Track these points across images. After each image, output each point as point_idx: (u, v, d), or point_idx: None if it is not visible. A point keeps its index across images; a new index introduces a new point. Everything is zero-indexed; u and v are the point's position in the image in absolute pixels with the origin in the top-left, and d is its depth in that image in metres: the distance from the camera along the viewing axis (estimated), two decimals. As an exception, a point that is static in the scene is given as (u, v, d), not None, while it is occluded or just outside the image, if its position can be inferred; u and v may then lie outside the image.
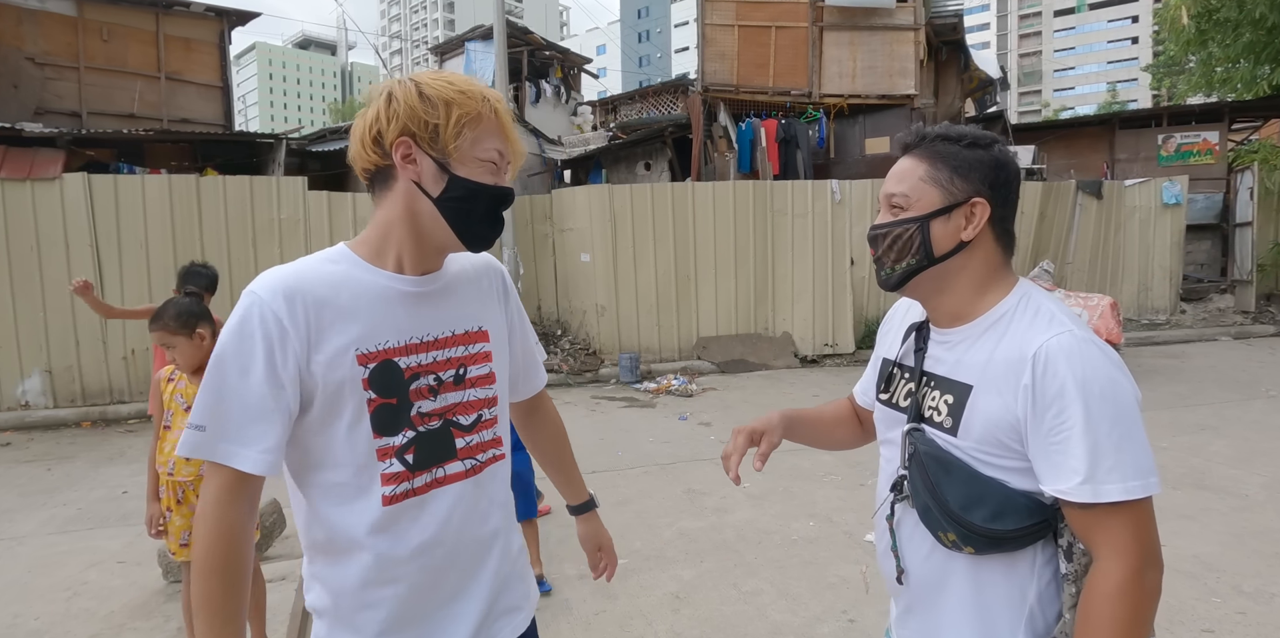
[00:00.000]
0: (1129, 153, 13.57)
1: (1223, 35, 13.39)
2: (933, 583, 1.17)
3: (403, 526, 1.14)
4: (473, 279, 1.30)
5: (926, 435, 1.15)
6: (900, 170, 1.17)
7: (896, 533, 1.22)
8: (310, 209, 8.01)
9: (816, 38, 11.39)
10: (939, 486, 1.10)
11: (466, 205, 1.14)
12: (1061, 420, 1.00)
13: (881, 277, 1.20)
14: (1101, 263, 11.11)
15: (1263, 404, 6.56)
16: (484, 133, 1.14)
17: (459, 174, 1.13)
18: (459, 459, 1.20)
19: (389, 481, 1.13)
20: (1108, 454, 0.98)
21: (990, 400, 1.07)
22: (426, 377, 1.17)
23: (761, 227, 9.18)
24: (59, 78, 10.11)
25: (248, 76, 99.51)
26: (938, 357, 1.19)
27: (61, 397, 7.18)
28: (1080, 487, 0.98)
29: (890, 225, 1.16)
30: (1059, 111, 56.73)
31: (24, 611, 3.27)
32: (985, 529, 1.06)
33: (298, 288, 1.10)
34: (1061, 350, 1.02)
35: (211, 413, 1.06)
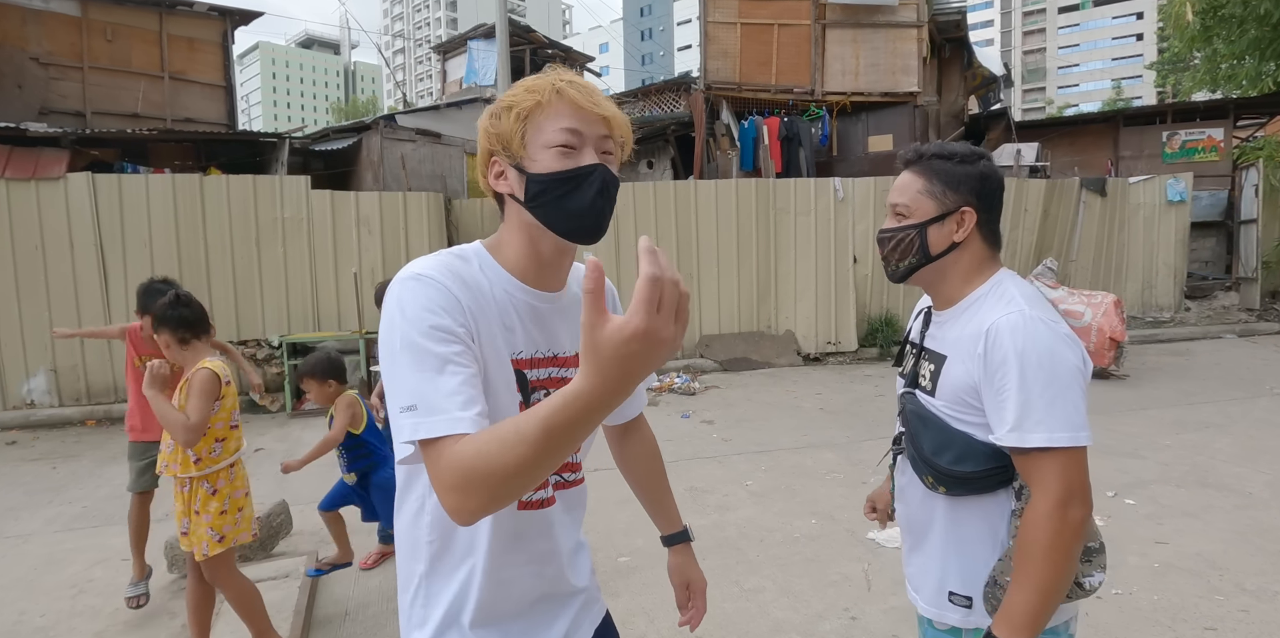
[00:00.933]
0: (1133, 150, 13.53)
1: (1228, 32, 13.35)
2: (923, 522, 1.42)
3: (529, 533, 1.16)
4: None
5: (915, 397, 1.42)
6: (902, 183, 1.40)
7: (896, 480, 1.51)
8: (313, 208, 8.03)
9: (819, 35, 11.37)
10: (917, 436, 1.38)
11: (548, 199, 1.08)
12: (1004, 383, 1.22)
13: (888, 272, 1.45)
14: (1105, 260, 11.08)
15: (1267, 402, 6.54)
16: (546, 118, 1.07)
17: (531, 170, 1.08)
18: (556, 472, 1.21)
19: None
20: (1037, 409, 1.19)
21: (956, 367, 1.32)
22: (540, 392, 1.14)
23: (764, 225, 9.18)
24: (63, 78, 10.15)
25: (251, 76, 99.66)
26: (932, 334, 1.45)
27: (66, 395, 7.21)
28: (1009, 434, 1.21)
29: (895, 230, 1.40)
30: (1063, 109, 56.58)
31: (30, 608, 3.29)
32: (950, 470, 1.32)
33: (461, 275, 1.07)
34: (1008, 325, 1.25)
35: (417, 392, 0.95)
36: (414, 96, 78.21)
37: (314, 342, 7.64)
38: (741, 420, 6.37)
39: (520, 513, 1.15)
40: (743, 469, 5.01)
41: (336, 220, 8.13)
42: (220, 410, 2.54)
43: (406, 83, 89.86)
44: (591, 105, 1.08)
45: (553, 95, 1.07)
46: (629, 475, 1.55)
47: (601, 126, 1.09)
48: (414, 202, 8.55)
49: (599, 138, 1.09)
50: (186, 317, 2.55)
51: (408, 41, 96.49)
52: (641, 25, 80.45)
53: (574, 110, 1.07)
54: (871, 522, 1.88)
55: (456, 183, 12.05)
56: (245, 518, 2.63)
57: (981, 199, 1.35)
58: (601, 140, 1.09)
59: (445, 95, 16.28)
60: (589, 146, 1.08)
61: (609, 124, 1.10)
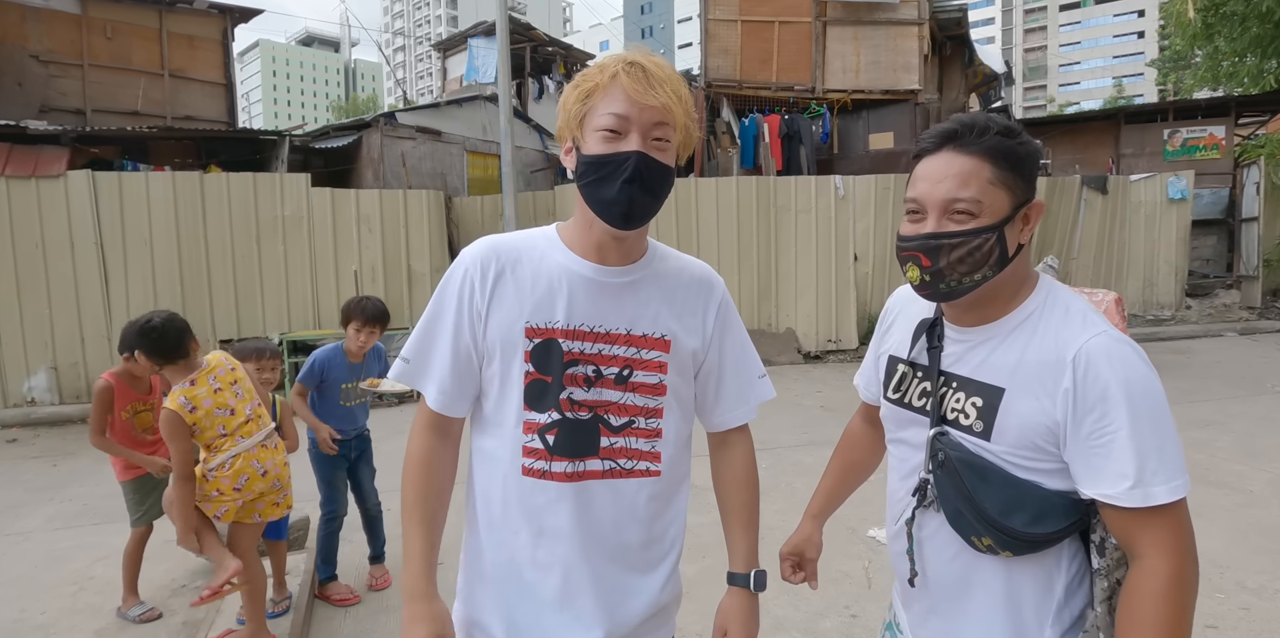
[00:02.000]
0: (1134, 148, 13.52)
1: (1229, 29, 13.32)
2: (957, 584, 1.16)
3: (536, 502, 1.17)
4: (677, 285, 1.24)
5: (954, 439, 1.12)
6: (963, 171, 1.04)
7: (915, 537, 1.19)
8: (314, 206, 8.03)
9: (820, 33, 11.35)
10: (975, 492, 1.07)
11: (588, 181, 1.12)
12: (1105, 424, 0.99)
13: (941, 289, 1.09)
14: (1106, 258, 11.07)
15: (1269, 400, 6.53)
16: (601, 100, 1.10)
17: (582, 151, 1.12)
18: (599, 457, 1.18)
19: (529, 453, 1.17)
20: (1152, 456, 0.98)
21: (1026, 404, 1.04)
22: (586, 366, 1.16)
23: (765, 222, 9.17)
24: (63, 75, 10.14)
25: (251, 74, 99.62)
26: (958, 356, 1.15)
27: (67, 393, 7.22)
28: (1130, 491, 0.97)
29: (965, 235, 1.04)
30: (1064, 106, 56.55)
31: (30, 605, 3.29)
32: (1026, 534, 1.04)
33: (496, 253, 1.18)
34: (1102, 352, 1.00)
35: (415, 348, 1.21)
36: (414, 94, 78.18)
37: (315, 339, 7.64)
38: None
39: (525, 479, 1.18)
40: (743, 467, 5.00)
41: (337, 218, 8.13)
42: (203, 433, 2.58)
43: (407, 80, 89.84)
44: (643, 93, 1.07)
45: (609, 79, 1.09)
46: (717, 496, 1.45)
47: (655, 114, 1.09)
48: (414, 199, 8.55)
49: (650, 125, 1.09)
50: (154, 342, 2.57)
51: (408, 39, 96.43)
52: (642, 23, 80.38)
53: (626, 96, 1.08)
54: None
55: (457, 180, 12.05)
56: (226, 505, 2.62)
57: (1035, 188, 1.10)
58: (653, 128, 1.09)
59: (445, 93, 16.27)
60: (635, 133, 1.08)
61: (665, 112, 1.09)
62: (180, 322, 2.65)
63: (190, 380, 2.59)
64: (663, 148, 1.11)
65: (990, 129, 1.05)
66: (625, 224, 1.12)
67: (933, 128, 1.12)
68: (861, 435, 1.54)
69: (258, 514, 2.69)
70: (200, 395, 2.58)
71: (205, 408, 2.57)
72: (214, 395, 2.60)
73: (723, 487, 1.43)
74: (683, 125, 1.12)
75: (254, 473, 2.64)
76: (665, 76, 1.10)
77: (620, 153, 1.08)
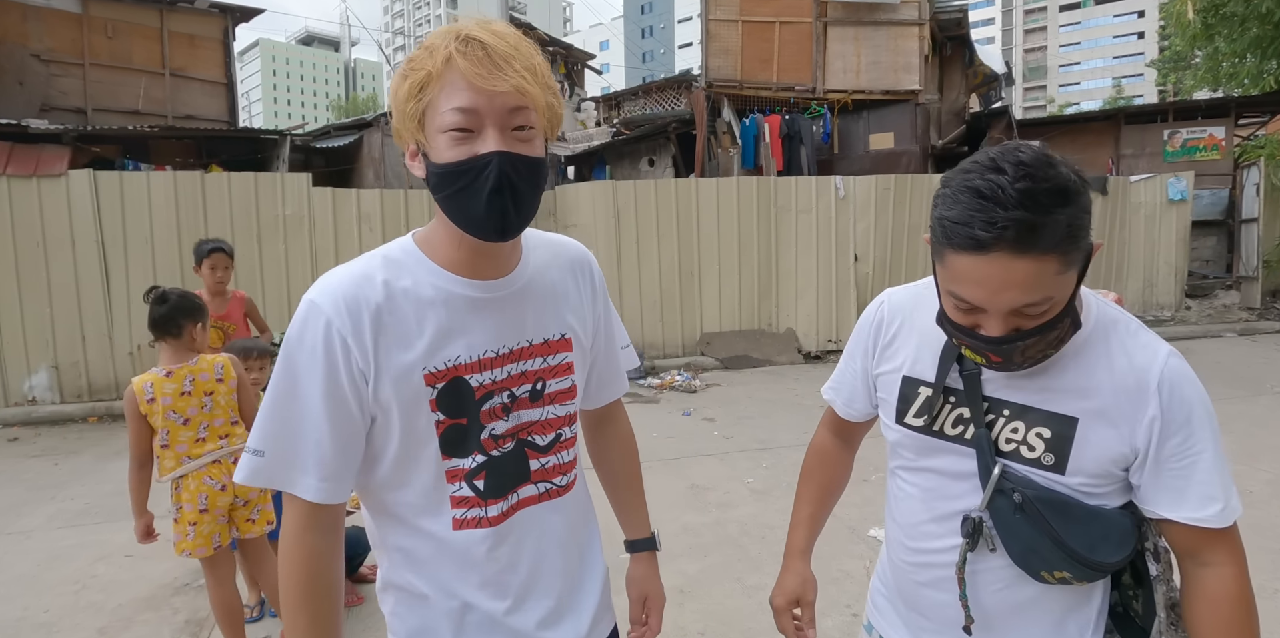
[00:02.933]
0: (1134, 148, 13.53)
1: (1229, 30, 13.32)
2: (1004, 614, 1.11)
3: (476, 554, 1.05)
4: (558, 277, 1.12)
5: (1022, 475, 1.04)
6: (1028, 276, 0.87)
7: (967, 581, 1.10)
8: (314, 205, 8.03)
9: (820, 33, 11.36)
10: (1062, 532, 1.00)
11: (449, 193, 0.93)
12: (1188, 447, 0.98)
13: (1014, 370, 1.01)
14: (1106, 259, 11.08)
15: (1268, 401, 6.54)
16: (440, 93, 0.89)
17: (430, 158, 0.93)
18: (532, 482, 1.09)
19: (458, 504, 1.03)
20: (1224, 474, 1.00)
21: (1104, 433, 1.00)
22: (500, 395, 1.04)
23: (765, 223, 9.18)
24: (64, 74, 10.15)
25: (252, 73, 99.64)
26: (1003, 380, 1.05)
27: (68, 392, 7.22)
28: (1222, 514, 0.99)
29: (1039, 332, 0.94)
30: (1064, 107, 56.58)
31: (33, 603, 3.30)
32: (1113, 564, 1.01)
33: (360, 297, 0.97)
34: (1182, 375, 1.00)
35: (271, 437, 0.97)
36: (414, 94, 77.97)
37: (315, 339, 7.67)
38: (742, 418, 6.37)
39: (456, 533, 1.04)
40: (744, 467, 5.02)
41: (338, 218, 8.14)
42: (154, 429, 2.51)
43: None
44: (488, 77, 0.87)
45: (443, 65, 0.88)
46: (600, 471, 1.37)
47: (508, 100, 0.89)
48: (415, 198, 8.55)
49: (505, 114, 0.89)
50: (152, 311, 2.57)
51: (408, 39, 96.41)
52: (642, 22, 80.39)
53: (468, 84, 0.88)
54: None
55: (457, 180, 12.06)
56: (198, 532, 2.55)
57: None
58: (510, 114, 0.90)
59: (446, 93, 16.26)
60: (490, 128, 0.89)
61: (520, 96, 0.89)
62: (189, 303, 2.60)
63: (168, 371, 2.53)
64: (527, 137, 0.92)
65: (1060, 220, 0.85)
66: (501, 237, 0.96)
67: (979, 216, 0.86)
68: (835, 453, 1.44)
69: (236, 529, 2.65)
70: (165, 390, 2.50)
71: (162, 405, 2.49)
72: (177, 398, 2.51)
73: (613, 460, 1.36)
74: (545, 105, 0.93)
75: (211, 490, 2.55)
76: (511, 49, 0.89)
77: (477, 157, 0.89)
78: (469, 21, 0.92)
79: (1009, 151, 0.89)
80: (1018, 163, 0.87)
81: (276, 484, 0.97)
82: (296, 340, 0.97)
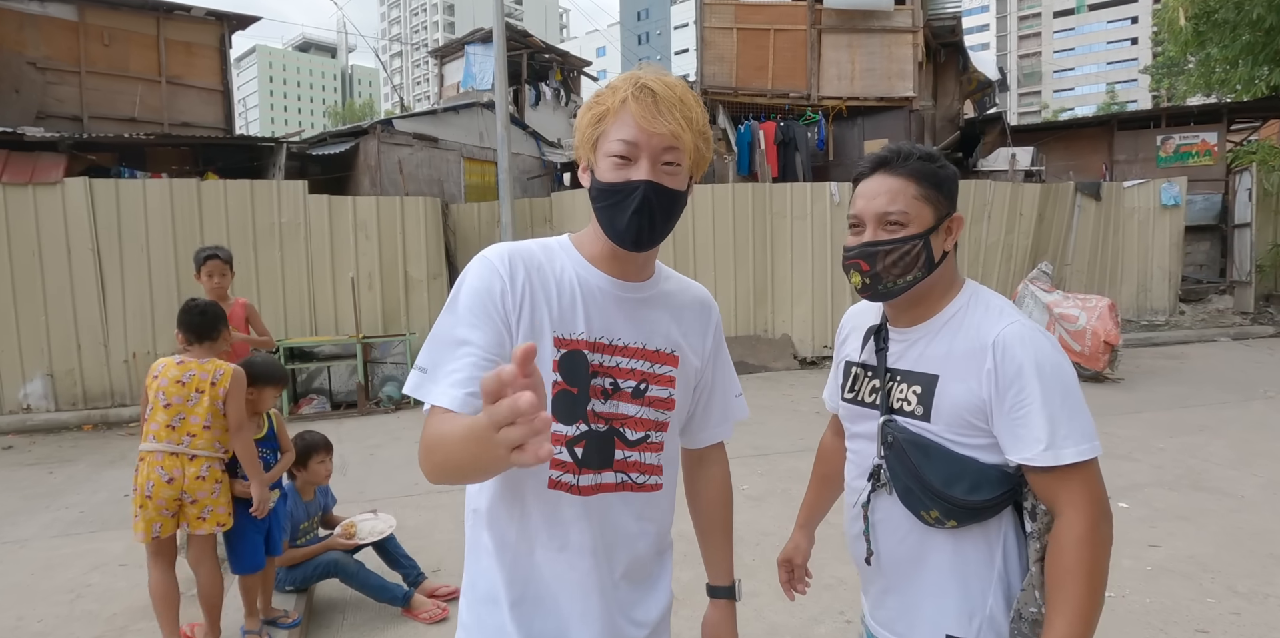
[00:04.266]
0: (1128, 154, 13.61)
1: (1221, 36, 13.43)
2: (910, 560, 1.28)
3: (564, 516, 1.14)
4: (683, 305, 1.28)
5: (900, 424, 1.27)
6: (891, 188, 1.24)
7: (870, 519, 1.33)
8: (311, 213, 8.04)
9: (815, 40, 11.42)
10: (920, 467, 1.22)
11: (603, 205, 1.13)
12: (1021, 398, 1.14)
13: (880, 290, 1.27)
14: (1100, 264, 11.13)
15: (1261, 405, 6.57)
16: (611, 127, 1.10)
17: (596, 175, 1.14)
18: (614, 470, 1.17)
19: (555, 466, 1.13)
20: (1062, 424, 1.13)
21: (956, 386, 1.20)
22: (605, 378, 1.16)
23: (760, 229, 9.21)
24: (60, 82, 10.16)
25: (248, 79, 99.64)
26: (899, 353, 1.31)
27: (63, 400, 7.21)
28: (1044, 453, 1.12)
29: (896, 242, 1.23)
30: (1059, 112, 56.81)
31: (27, 613, 3.30)
32: (966, 501, 1.19)
33: (521, 257, 1.15)
34: (1015, 337, 1.17)
35: (434, 355, 1.09)
36: (411, 100, 78.27)
37: (311, 346, 7.66)
38: (738, 424, 6.37)
39: (549, 492, 1.15)
40: (739, 473, 5.00)
41: (334, 225, 8.15)
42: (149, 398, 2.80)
43: (404, 86, 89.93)
44: (651, 121, 1.07)
45: (619, 104, 1.09)
46: (693, 511, 1.48)
47: (663, 141, 1.09)
48: (411, 206, 8.57)
49: (659, 151, 1.09)
50: (187, 319, 2.88)
51: (405, 45, 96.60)
52: (638, 29, 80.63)
53: (634, 122, 1.08)
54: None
55: (454, 187, 12.08)
56: (142, 517, 2.69)
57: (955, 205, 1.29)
58: (663, 152, 1.10)
59: (443, 100, 16.31)
60: (644, 159, 1.09)
61: (674, 138, 1.09)
62: (215, 310, 2.92)
63: (182, 360, 2.81)
64: (673, 172, 1.12)
65: (914, 155, 1.25)
66: (636, 248, 1.14)
67: (867, 156, 1.30)
68: (833, 448, 1.63)
69: (186, 524, 2.75)
70: (169, 374, 2.77)
71: (158, 385, 2.76)
72: (173, 383, 2.74)
73: (703, 503, 1.47)
74: (692, 148, 1.12)
75: (159, 480, 2.66)
76: (675, 101, 1.09)
77: (630, 182, 1.09)
78: (649, 72, 1.12)
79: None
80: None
81: (431, 398, 1.05)
82: (470, 276, 1.12)
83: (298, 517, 3.21)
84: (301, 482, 3.30)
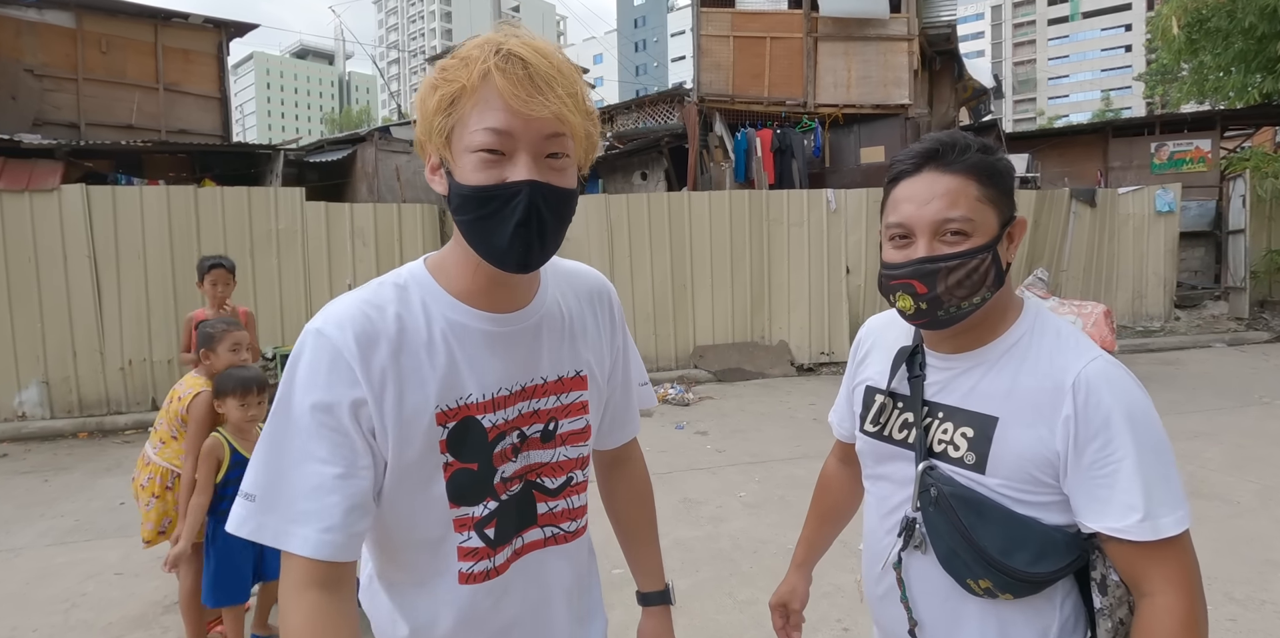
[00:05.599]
0: (1122, 161, 13.67)
1: (1213, 44, 13.52)
2: (947, 627, 1.10)
3: (482, 608, 0.98)
4: (576, 309, 1.06)
5: (944, 473, 1.05)
6: (950, 190, 0.99)
7: (907, 581, 1.12)
8: (308, 220, 8.04)
9: (811, 48, 11.48)
10: (972, 529, 1.00)
11: (469, 216, 0.87)
12: (1108, 453, 0.94)
13: (940, 316, 1.02)
14: (1096, 270, 11.17)
15: (1257, 411, 6.59)
16: (472, 109, 0.83)
17: (455, 176, 0.86)
18: (539, 526, 1.03)
19: (466, 556, 0.96)
20: (1158, 487, 0.94)
21: (1022, 434, 0.99)
22: (510, 435, 0.97)
23: (758, 236, 9.23)
24: (57, 89, 10.16)
25: (245, 86, 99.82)
26: (943, 384, 1.09)
27: (58, 407, 7.19)
28: (1141, 525, 0.92)
29: (961, 256, 0.98)
30: (1054, 119, 57.11)
31: (22, 623, 3.28)
32: (1028, 574, 0.98)
33: (373, 330, 0.88)
34: (1102, 378, 0.97)
35: (264, 479, 0.86)
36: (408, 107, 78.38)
37: (308, 353, 7.64)
38: (735, 431, 6.38)
39: (462, 588, 0.97)
40: (736, 480, 5.02)
41: (331, 232, 8.15)
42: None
43: (401, 93, 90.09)
44: (527, 100, 0.80)
45: (479, 79, 0.82)
46: (612, 516, 1.31)
47: (546, 125, 0.83)
48: (409, 213, 8.58)
49: (541, 139, 0.84)
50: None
51: (402, 52, 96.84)
52: (635, 37, 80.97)
53: (505, 105, 0.81)
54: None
55: (451, 194, 12.07)
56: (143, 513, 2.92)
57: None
58: (546, 141, 0.84)
59: (440, 106, 16.30)
60: (523, 153, 0.83)
61: (559, 122, 0.83)
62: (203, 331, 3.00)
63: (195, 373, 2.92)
64: (560, 167, 0.87)
65: (971, 146, 1.01)
66: (523, 270, 0.89)
67: (908, 148, 1.05)
68: (838, 478, 1.45)
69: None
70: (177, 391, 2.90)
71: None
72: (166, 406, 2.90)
73: (625, 504, 1.28)
74: (582, 134, 0.87)
75: (135, 479, 2.94)
76: (554, 70, 0.83)
77: (507, 185, 0.83)
78: (509, 34, 0.84)
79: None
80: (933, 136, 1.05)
81: (267, 538, 0.84)
82: (298, 372, 0.87)
83: None
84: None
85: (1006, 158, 1.04)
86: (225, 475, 2.64)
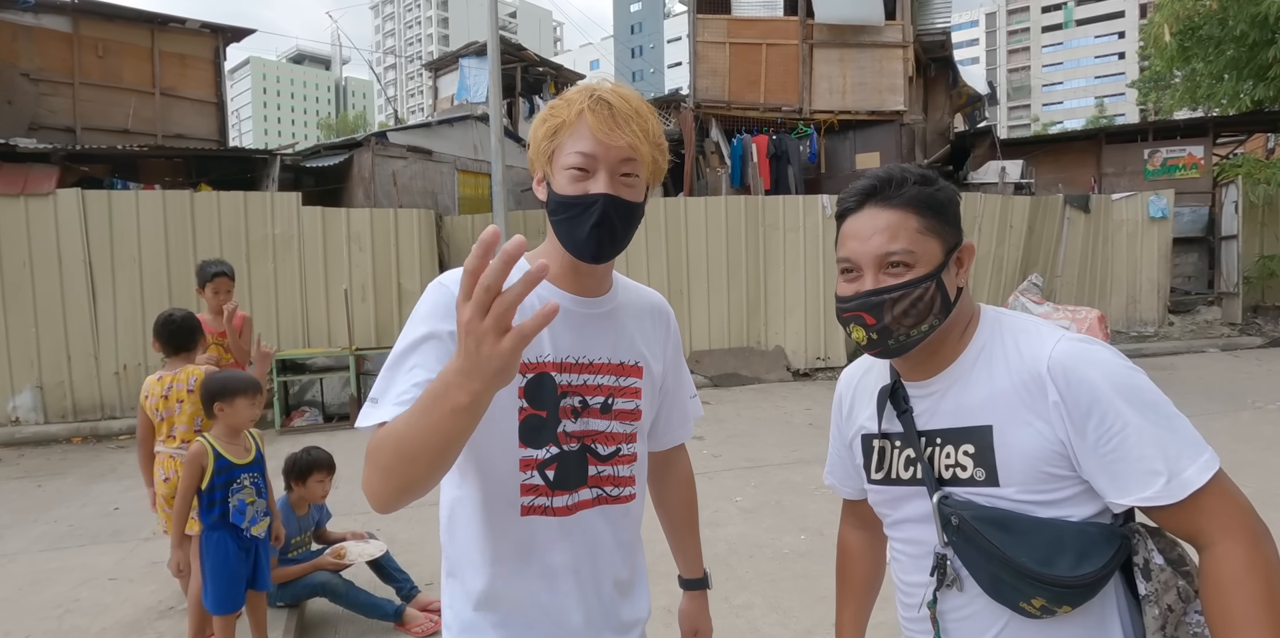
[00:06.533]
0: (1116, 167, 13.74)
1: (1205, 52, 13.60)
2: None
3: (540, 541, 1.14)
4: (640, 314, 1.28)
5: (960, 499, 1.03)
6: (890, 224, 1.02)
7: (942, 624, 1.08)
8: (304, 225, 8.04)
9: (807, 55, 11.54)
10: (1005, 549, 0.96)
11: (559, 218, 1.11)
12: (1107, 426, 0.93)
13: (890, 345, 1.04)
14: (1090, 276, 11.22)
15: (1249, 415, 6.62)
16: (568, 137, 1.08)
17: (552, 187, 1.11)
18: (588, 486, 1.18)
19: (527, 491, 1.13)
20: (1169, 442, 0.93)
21: (1020, 433, 0.99)
22: (574, 397, 1.16)
23: (753, 241, 9.26)
24: (54, 93, 10.15)
25: (242, 91, 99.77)
26: (928, 411, 1.09)
27: (53, 412, 7.16)
28: (1168, 486, 0.91)
29: (904, 287, 1.01)
30: (1048, 126, 57.36)
31: (15, 629, 3.26)
32: (1075, 579, 0.94)
33: None
34: (1072, 355, 0.97)
35: (383, 385, 1.03)
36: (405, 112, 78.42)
37: (304, 358, 7.64)
38: (731, 436, 6.39)
39: (523, 519, 1.14)
40: (732, 485, 5.02)
41: (327, 237, 8.15)
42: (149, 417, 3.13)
43: (397, 98, 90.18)
44: (608, 133, 1.06)
45: (575, 117, 1.08)
46: (660, 511, 1.51)
47: (620, 153, 1.07)
48: (405, 218, 8.58)
49: (616, 163, 1.08)
50: (169, 332, 3.12)
51: (399, 57, 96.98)
52: (632, 43, 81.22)
53: (591, 136, 1.07)
54: None
55: (448, 199, 12.10)
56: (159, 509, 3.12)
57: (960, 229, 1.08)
58: (621, 164, 1.08)
59: (437, 112, 16.37)
60: (602, 172, 1.07)
61: (631, 150, 1.08)
62: (191, 323, 3.15)
63: (160, 376, 3.07)
64: (631, 184, 1.11)
65: (907, 180, 1.04)
66: (596, 261, 1.12)
67: (851, 186, 1.09)
68: (859, 545, 1.38)
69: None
70: (154, 391, 3.04)
71: (149, 403, 3.05)
72: (160, 399, 3.03)
73: (671, 503, 1.50)
74: (649, 160, 1.11)
75: (159, 479, 3.03)
76: (631, 112, 1.08)
77: (588, 195, 1.07)
78: (605, 84, 1.12)
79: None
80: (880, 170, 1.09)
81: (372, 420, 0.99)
82: (418, 311, 1.09)
83: (290, 531, 3.19)
84: (296, 497, 3.28)
85: (949, 187, 1.08)
86: (210, 481, 2.64)
